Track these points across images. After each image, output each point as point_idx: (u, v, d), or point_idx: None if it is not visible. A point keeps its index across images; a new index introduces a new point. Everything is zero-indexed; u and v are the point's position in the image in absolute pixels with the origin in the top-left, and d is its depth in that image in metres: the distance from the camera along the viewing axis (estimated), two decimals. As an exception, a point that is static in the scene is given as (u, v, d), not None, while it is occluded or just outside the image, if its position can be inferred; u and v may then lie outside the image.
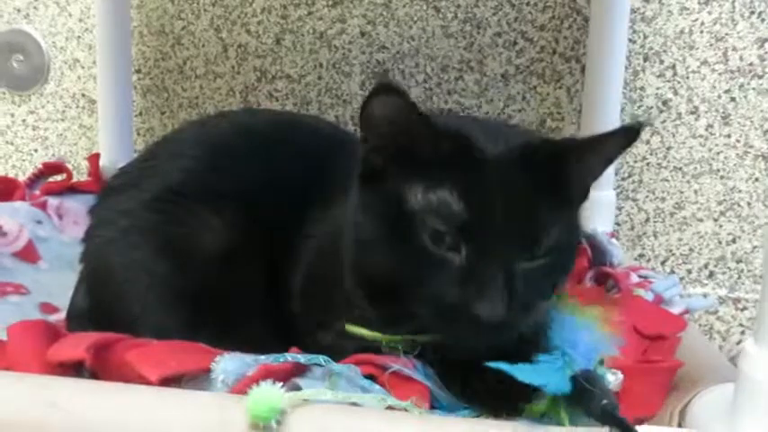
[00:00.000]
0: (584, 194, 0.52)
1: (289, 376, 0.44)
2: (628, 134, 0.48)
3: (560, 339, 0.42)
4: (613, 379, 0.42)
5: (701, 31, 0.98)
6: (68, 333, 0.51)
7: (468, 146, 0.46)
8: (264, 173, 0.61)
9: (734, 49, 0.97)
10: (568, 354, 0.40)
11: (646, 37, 0.99)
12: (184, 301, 0.57)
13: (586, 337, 0.42)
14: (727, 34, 0.97)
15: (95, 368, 0.46)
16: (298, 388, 0.43)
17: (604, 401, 0.36)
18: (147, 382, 0.43)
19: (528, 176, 0.45)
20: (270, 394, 0.37)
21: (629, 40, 0.98)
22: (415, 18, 1.04)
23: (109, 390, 0.41)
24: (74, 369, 0.47)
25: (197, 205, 0.59)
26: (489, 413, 0.42)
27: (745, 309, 1.00)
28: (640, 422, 0.37)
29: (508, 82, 1.03)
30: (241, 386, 0.41)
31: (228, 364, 0.42)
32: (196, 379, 0.45)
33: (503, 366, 0.40)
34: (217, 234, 0.58)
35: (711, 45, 0.98)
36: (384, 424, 0.38)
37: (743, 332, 1.00)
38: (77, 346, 0.45)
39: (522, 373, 0.39)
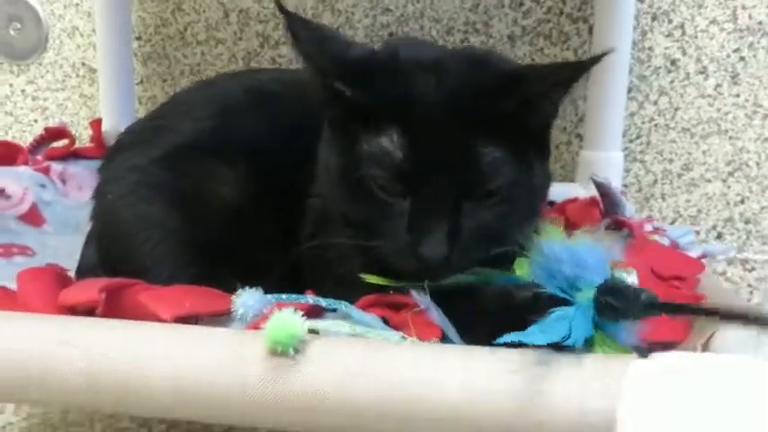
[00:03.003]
0: (543, 140, 0.50)
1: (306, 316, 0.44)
2: (571, 67, 0.48)
3: (566, 267, 0.40)
4: (631, 279, 0.41)
5: (710, -11, 0.96)
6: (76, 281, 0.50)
7: (409, 90, 0.47)
8: (273, 130, 0.61)
9: (743, 7, 0.96)
10: (582, 277, 0.39)
11: (654, -5, 0.98)
12: (196, 254, 0.56)
13: (589, 253, 0.40)
14: (736, -9, 0.96)
15: (107, 312, 0.46)
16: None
17: (642, 296, 0.35)
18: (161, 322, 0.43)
19: (469, 117, 0.46)
20: (290, 321, 0.36)
21: (637, 0, 0.97)
22: (420, -20, 1.03)
23: (123, 326, 0.41)
24: (86, 314, 0.46)
25: (210, 160, 0.58)
26: None
27: (753, 269, 1.00)
28: (667, 348, 0.37)
29: (514, 43, 1.02)
30: (257, 323, 0.41)
31: (248, 298, 0.42)
32: (211, 321, 0.45)
33: (515, 337, 0.38)
34: (230, 188, 0.58)
35: (720, 3, 0.96)
36: (403, 355, 0.37)
37: (751, 292, 1.00)
38: (89, 289, 0.44)
39: (535, 337, 0.38)
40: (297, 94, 0.65)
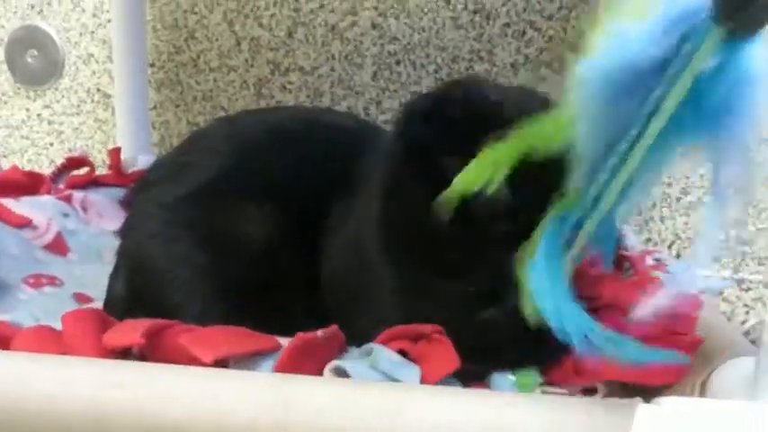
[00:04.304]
0: None
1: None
2: None
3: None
4: None
5: (706, 20, 1.00)
6: (117, 321, 0.53)
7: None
8: (294, 168, 0.64)
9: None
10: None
11: (652, 26, 1.02)
12: (226, 292, 0.59)
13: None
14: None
15: (145, 353, 0.49)
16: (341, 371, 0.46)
17: None
18: (201, 365, 0.46)
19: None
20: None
21: (636, 30, 1.00)
22: (426, 10, 1.06)
23: (173, 371, 0.44)
24: (122, 354, 0.49)
25: (234, 199, 0.61)
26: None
27: (749, 289, 1.03)
28: (660, 392, 0.40)
29: (517, 71, 1.05)
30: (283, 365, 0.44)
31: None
32: (243, 362, 0.48)
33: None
34: (256, 226, 0.60)
35: (716, 33, 1.00)
36: (429, 398, 0.40)
37: (747, 312, 1.04)
38: (133, 331, 0.48)
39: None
40: (316, 134, 0.68)
